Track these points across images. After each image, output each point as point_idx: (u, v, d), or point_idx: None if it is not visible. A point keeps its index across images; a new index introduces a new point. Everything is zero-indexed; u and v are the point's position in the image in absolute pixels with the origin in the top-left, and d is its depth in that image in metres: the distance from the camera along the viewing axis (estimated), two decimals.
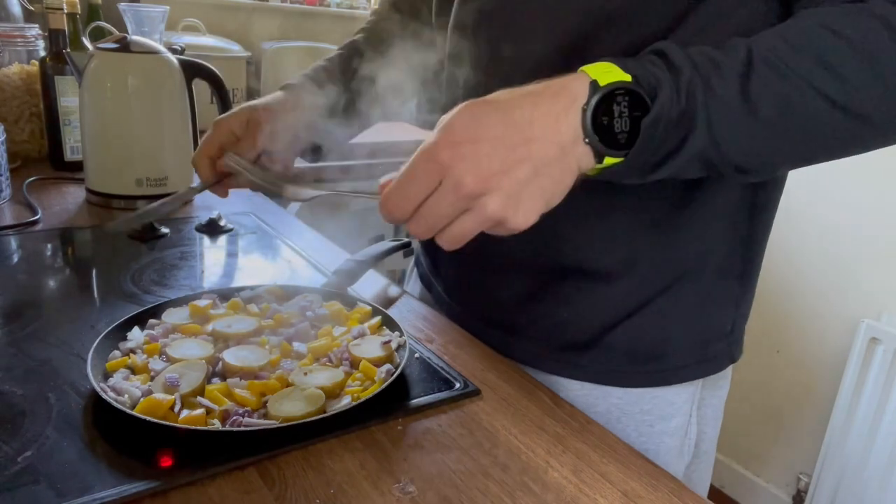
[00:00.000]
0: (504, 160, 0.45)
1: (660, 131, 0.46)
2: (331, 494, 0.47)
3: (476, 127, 0.46)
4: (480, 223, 0.46)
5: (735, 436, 1.98)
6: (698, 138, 0.47)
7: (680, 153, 0.48)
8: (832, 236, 1.74)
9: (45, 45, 1.29)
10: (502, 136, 0.46)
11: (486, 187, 0.45)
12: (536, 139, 0.46)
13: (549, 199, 0.47)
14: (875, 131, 0.48)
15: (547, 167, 0.46)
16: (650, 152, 0.48)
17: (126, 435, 0.50)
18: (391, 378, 0.57)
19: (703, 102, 0.47)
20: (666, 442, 0.68)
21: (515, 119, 0.46)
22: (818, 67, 0.46)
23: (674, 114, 0.46)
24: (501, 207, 0.45)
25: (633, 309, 0.65)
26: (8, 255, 0.85)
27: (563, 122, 0.46)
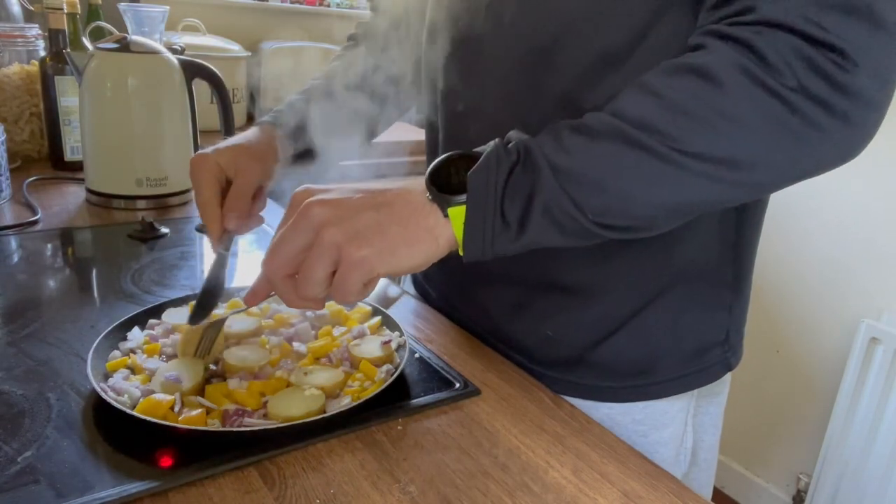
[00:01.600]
0: (352, 199, 0.49)
1: (491, 176, 0.48)
2: (331, 494, 0.47)
3: (335, 185, 0.51)
4: (319, 250, 0.47)
5: (735, 436, 1.98)
6: (546, 186, 0.47)
7: (533, 204, 0.48)
8: (832, 236, 1.74)
9: (45, 45, 1.29)
10: (355, 188, 0.50)
11: (326, 212, 0.47)
12: (386, 193, 0.50)
13: (389, 241, 0.48)
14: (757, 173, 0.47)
15: (391, 213, 0.49)
16: (493, 199, 0.48)
17: (126, 435, 0.50)
18: (391, 378, 0.57)
19: (540, 155, 0.48)
20: (660, 451, 0.67)
21: (371, 184, 0.51)
22: (665, 124, 0.46)
23: (504, 163, 0.48)
24: (336, 232, 0.47)
25: (619, 324, 0.64)
26: (8, 255, 0.85)
27: (410, 188, 0.50)
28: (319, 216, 0.47)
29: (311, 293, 0.48)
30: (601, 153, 0.47)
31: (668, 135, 0.46)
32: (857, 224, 1.70)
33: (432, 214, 0.49)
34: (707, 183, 0.47)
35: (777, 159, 0.46)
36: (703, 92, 0.45)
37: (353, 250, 0.47)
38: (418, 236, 0.49)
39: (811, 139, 0.45)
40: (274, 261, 0.49)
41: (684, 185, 0.47)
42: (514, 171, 0.48)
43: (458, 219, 0.49)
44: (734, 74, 0.45)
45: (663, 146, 0.46)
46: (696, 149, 0.46)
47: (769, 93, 0.44)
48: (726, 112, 0.45)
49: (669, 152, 0.46)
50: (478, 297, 0.71)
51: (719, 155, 0.46)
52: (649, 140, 0.46)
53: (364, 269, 0.47)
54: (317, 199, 0.48)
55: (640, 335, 0.64)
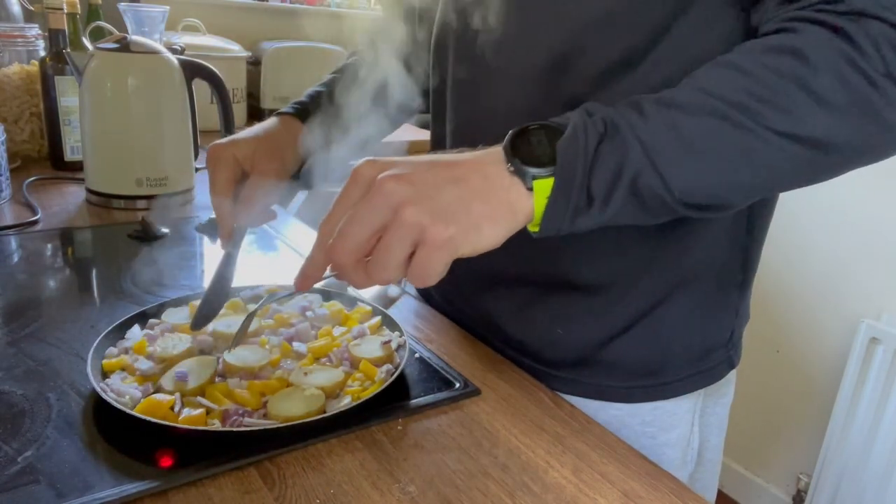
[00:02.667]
0: (426, 172, 0.45)
1: (581, 148, 0.46)
2: (331, 494, 0.47)
3: (401, 158, 0.47)
4: (398, 232, 0.43)
5: (735, 436, 1.97)
6: (634, 161, 0.46)
7: (621, 179, 0.47)
8: (832, 236, 1.74)
9: (45, 45, 1.29)
10: (429, 160, 0.46)
11: (402, 188, 0.43)
12: (462, 165, 0.46)
13: (472, 218, 0.45)
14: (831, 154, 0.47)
15: (471, 188, 0.45)
16: (582, 172, 0.46)
17: (126, 435, 0.50)
18: (391, 378, 0.57)
19: (628, 129, 0.47)
20: (668, 453, 0.67)
21: (441, 156, 0.48)
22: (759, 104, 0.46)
23: (592, 135, 0.46)
24: (417, 211, 0.43)
25: (629, 324, 0.64)
26: (8, 255, 0.85)
27: (486, 159, 0.47)
28: (397, 194, 0.43)
29: (388, 277, 0.44)
30: (692, 129, 0.46)
31: (761, 113, 0.45)
32: (857, 224, 1.70)
33: (514, 187, 0.46)
34: (794, 163, 0.47)
35: (862, 141, 0.47)
36: (798, 72, 0.45)
37: (440, 230, 0.43)
38: (500, 212, 0.46)
39: (893, 122, 0.46)
40: (345, 244, 0.44)
41: (771, 164, 0.47)
42: (603, 144, 0.46)
43: (543, 192, 0.46)
44: (829, 57, 0.45)
45: (756, 124, 0.45)
46: (787, 128, 0.45)
47: (862, 76, 0.44)
48: (820, 93, 0.45)
49: (763, 131, 0.45)
50: (483, 299, 0.71)
51: (809, 135, 0.46)
52: (742, 117, 0.45)
53: (450, 249, 0.43)
54: (390, 174, 0.44)
55: (649, 335, 0.64)
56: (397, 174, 0.44)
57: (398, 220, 0.43)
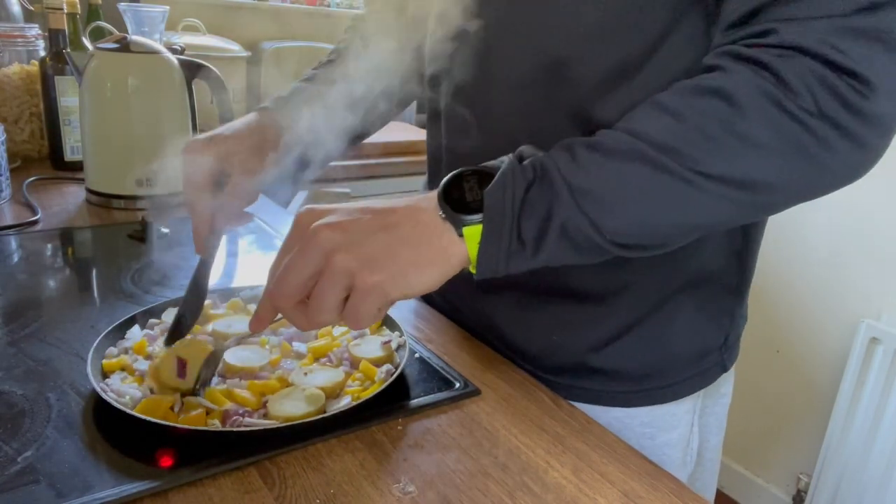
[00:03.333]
0: (360, 222, 0.47)
1: (508, 194, 0.47)
2: (331, 494, 0.47)
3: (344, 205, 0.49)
4: (330, 277, 0.45)
5: (735, 436, 1.98)
6: (563, 205, 0.47)
7: (550, 223, 0.47)
8: (832, 236, 1.74)
9: (45, 45, 1.29)
10: (365, 208, 0.48)
11: (335, 236, 0.45)
12: (395, 213, 0.48)
13: (401, 265, 0.46)
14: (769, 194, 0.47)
15: (401, 234, 0.47)
16: (510, 218, 0.47)
17: (126, 435, 0.50)
18: (391, 378, 0.57)
19: (557, 174, 0.47)
20: (668, 454, 0.67)
21: (379, 203, 0.49)
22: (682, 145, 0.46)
23: (520, 181, 0.47)
24: (347, 258, 0.45)
25: (625, 330, 0.64)
26: (8, 255, 0.85)
27: (420, 206, 0.48)
28: (329, 241, 0.45)
29: (323, 320, 0.46)
30: (620, 173, 0.47)
31: (689, 156, 0.46)
32: (857, 224, 1.70)
33: (445, 234, 0.47)
34: (724, 204, 0.47)
35: (793, 181, 0.47)
36: (724, 114, 0.45)
37: (367, 276, 0.45)
38: (431, 257, 0.47)
39: (826, 161, 0.45)
40: (283, 289, 0.46)
41: (702, 207, 0.47)
42: (531, 190, 0.47)
43: (473, 238, 0.47)
44: (755, 98, 0.44)
45: (683, 168, 0.46)
46: (715, 171, 0.46)
47: (789, 116, 0.44)
48: (747, 135, 0.45)
49: (689, 174, 0.46)
50: (482, 304, 0.71)
51: (738, 177, 0.46)
52: (669, 161, 0.46)
53: (378, 295, 0.46)
54: (324, 223, 0.46)
55: (645, 341, 0.64)
56: (331, 222, 0.46)
57: (329, 266, 0.45)
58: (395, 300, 0.47)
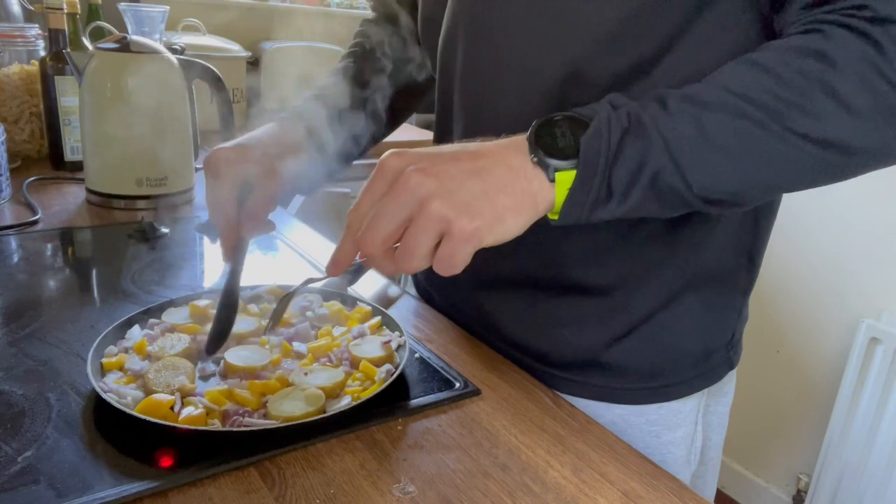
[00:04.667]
0: (450, 165, 0.46)
1: (604, 143, 0.47)
2: (331, 494, 0.47)
3: (429, 148, 0.48)
4: (424, 224, 0.44)
5: (735, 436, 1.98)
6: (656, 157, 0.47)
7: (641, 174, 0.47)
8: (832, 236, 1.74)
9: (45, 45, 1.29)
10: (453, 152, 0.47)
11: (427, 181, 0.44)
12: (484, 157, 0.47)
13: (497, 210, 0.46)
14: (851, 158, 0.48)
15: (494, 179, 0.46)
16: (604, 167, 0.47)
17: (126, 435, 0.50)
18: (391, 378, 0.57)
19: (652, 124, 0.47)
20: (673, 452, 0.67)
21: (465, 146, 0.48)
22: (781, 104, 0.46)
23: (616, 129, 0.47)
24: (442, 204, 0.44)
25: (634, 326, 0.64)
26: (8, 255, 0.85)
27: (510, 149, 0.48)
28: (423, 188, 0.44)
29: (415, 266, 0.45)
30: (714, 127, 0.47)
31: (783, 114, 0.46)
32: (857, 224, 1.70)
33: (536, 179, 0.47)
34: (812, 164, 0.48)
35: (882, 146, 0.47)
36: (822, 74, 0.45)
37: (465, 223, 0.44)
38: (523, 202, 0.47)
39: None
40: (374, 235, 0.45)
41: (790, 165, 0.48)
42: (625, 139, 0.47)
43: (564, 184, 0.47)
44: (855, 62, 0.45)
45: (777, 125, 0.46)
46: (809, 130, 0.46)
47: (886, 81, 0.45)
48: (845, 97, 0.45)
49: (782, 131, 0.46)
50: (485, 301, 0.71)
51: (830, 138, 0.46)
52: (763, 117, 0.46)
53: (475, 241, 0.45)
54: (416, 168, 0.45)
55: (654, 338, 0.64)
56: (422, 168, 0.45)
57: (424, 213, 0.44)
58: (487, 245, 0.46)
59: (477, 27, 0.62)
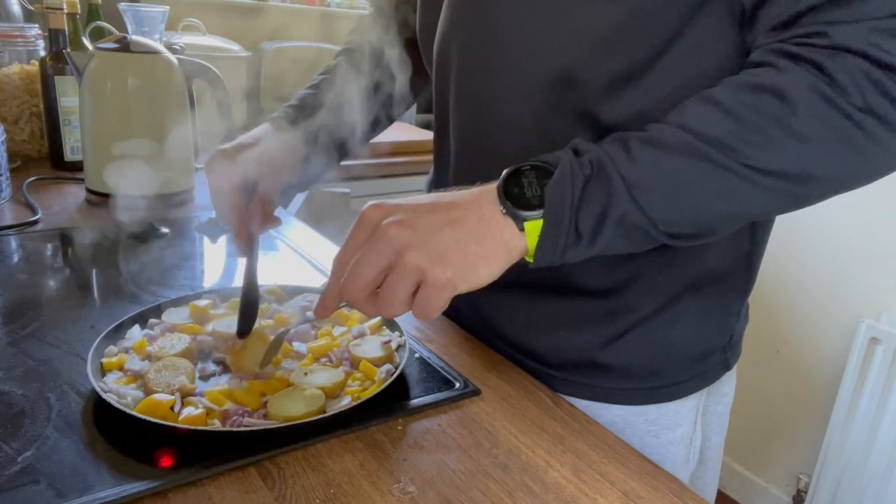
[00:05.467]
0: (426, 216, 0.49)
1: (567, 191, 0.48)
2: (331, 494, 0.47)
3: (408, 199, 0.51)
4: (402, 273, 0.47)
5: (735, 436, 1.97)
6: (619, 200, 0.49)
7: (607, 218, 0.49)
8: (832, 236, 1.74)
9: (45, 45, 1.29)
10: (429, 202, 0.50)
11: (404, 233, 0.47)
12: (459, 207, 0.50)
13: (469, 259, 0.48)
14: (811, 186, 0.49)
15: (467, 230, 0.49)
16: (569, 214, 0.48)
17: (126, 435, 0.50)
18: (391, 378, 0.57)
19: (613, 169, 0.49)
20: (672, 452, 0.67)
21: (444, 195, 0.51)
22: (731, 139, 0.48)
23: (578, 177, 0.49)
24: (418, 255, 0.47)
25: (632, 326, 0.64)
26: (8, 255, 0.85)
27: (482, 199, 0.50)
28: (400, 239, 0.47)
29: (395, 312, 0.48)
30: (674, 168, 0.48)
31: (741, 152, 0.48)
32: (856, 224, 1.70)
33: (507, 228, 0.49)
34: (774, 196, 0.50)
35: (840, 172, 0.49)
36: (777, 111, 0.47)
37: (439, 272, 0.47)
38: (495, 251, 0.49)
39: (872, 153, 0.48)
40: (355, 282, 0.48)
41: (753, 199, 0.50)
42: (588, 185, 0.49)
43: (534, 231, 0.49)
44: (807, 95, 0.47)
45: (736, 163, 0.48)
46: (768, 166, 0.48)
47: (840, 112, 0.46)
48: (799, 131, 0.47)
49: (742, 169, 0.48)
50: (485, 301, 0.71)
51: (790, 171, 0.48)
52: (722, 157, 0.48)
53: (449, 289, 0.48)
54: (393, 221, 0.48)
55: (652, 339, 0.64)
56: (399, 219, 0.48)
57: (401, 263, 0.47)
58: (462, 292, 0.49)
59: (472, 31, 0.62)
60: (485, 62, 0.62)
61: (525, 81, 0.60)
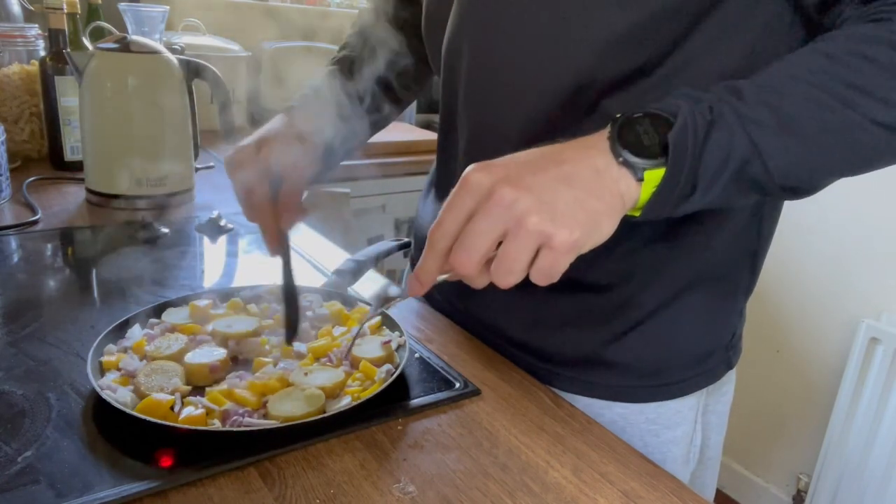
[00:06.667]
0: (538, 175, 0.45)
1: (690, 139, 0.46)
2: (331, 494, 0.47)
3: (509, 157, 0.47)
4: (524, 240, 0.44)
5: (735, 436, 1.97)
6: (740, 150, 0.47)
7: (727, 167, 0.47)
8: (832, 236, 1.74)
9: (45, 45, 1.29)
10: (536, 160, 0.47)
11: (521, 196, 0.44)
12: (569, 161, 0.47)
13: (592, 216, 0.45)
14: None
15: (583, 185, 0.46)
16: (691, 162, 0.47)
17: (126, 435, 0.50)
18: (391, 378, 0.57)
19: (733, 116, 0.47)
20: (672, 451, 0.67)
21: (547, 150, 0.48)
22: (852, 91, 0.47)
23: (701, 124, 0.46)
24: (540, 219, 0.43)
25: (636, 323, 0.64)
26: (8, 255, 0.85)
27: (592, 150, 0.47)
28: (519, 203, 0.44)
29: (514, 280, 0.45)
30: (792, 117, 0.47)
31: (857, 102, 0.46)
32: (856, 224, 1.70)
33: (623, 179, 0.46)
34: (880, 148, 0.48)
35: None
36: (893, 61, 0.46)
37: (566, 235, 0.44)
38: (613, 204, 0.46)
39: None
40: (470, 254, 0.45)
41: (862, 149, 0.48)
42: (710, 133, 0.47)
43: (652, 182, 0.47)
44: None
45: (852, 112, 0.46)
46: (881, 117, 0.46)
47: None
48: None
49: (857, 118, 0.46)
50: (486, 299, 0.71)
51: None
52: (838, 105, 0.46)
53: (576, 250, 0.45)
54: (506, 183, 0.44)
55: (657, 336, 0.64)
56: (512, 181, 0.45)
57: (523, 229, 0.44)
58: (585, 251, 0.46)
59: (484, 30, 0.62)
60: (496, 62, 0.62)
61: (537, 83, 0.60)
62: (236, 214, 1.03)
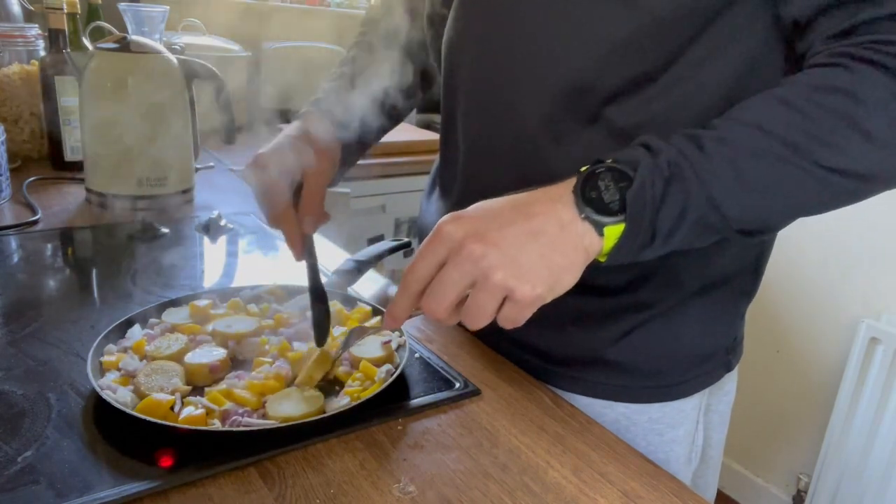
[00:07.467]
0: (505, 230, 0.48)
1: (648, 196, 0.48)
2: (331, 494, 0.47)
3: (480, 206, 0.50)
4: (490, 293, 0.47)
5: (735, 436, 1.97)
6: (697, 202, 0.49)
7: (684, 220, 0.49)
8: (832, 236, 1.74)
9: (45, 45, 1.29)
10: (506, 212, 0.49)
11: (489, 251, 0.46)
12: (537, 216, 0.49)
13: (555, 272, 0.48)
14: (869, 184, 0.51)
15: (549, 240, 0.48)
16: (650, 216, 0.48)
17: (126, 435, 0.50)
18: (391, 378, 0.57)
19: (690, 170, 0.49)
20: (675, 450, 0.67)
21: (518, 200, 0.50)
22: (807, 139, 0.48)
23: (658, 180, 0.48)
24: (505, 275, 0.46)
25: (639, 324, 0.64)
26: (8, 255, 0.85)
27: (558, 204, 0.50)
28: (486, 259, 0.46)
29: (482, 324, 0.48)
30: (749, 169, 0.49)
31: (812, 151, 0.48)
32: (856, 224, 1.70)
33: (587, 234, 0.49)
34: (838, 193, 0.51)
35: None
36: (849, 111, 0.48)
37: (528, 290, 0.47)
38: (575, 259, 0.49)
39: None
40: (439, 301, 0.48)
41: (817, 195, 0.51)
42: (668, 189, 0.49)
43: (613, 235, 0.49)
44: (880, 96, 0.47)
45: (807, 161, 0.48)
46: (839, 165, 0.48)
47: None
48: (870, 132, 0.48)
49: (812, 167, 0.48)
50: None
51: (859, 171, 0.49)
52: (793, 156, 0.48)
53: (538, 303, 0.48)
54: (475, 237, 0.47)
55: (659, 337, 0.64)
56: (481, 236, 0.47)
57: (490, 282, 0.46)
58: (547, 302, 0.49)
59: (486, 33, 0.62)
60: (497, 67, 0.62)
61: (538, 87, 0.60)
62: (236, 214, 1.04)
